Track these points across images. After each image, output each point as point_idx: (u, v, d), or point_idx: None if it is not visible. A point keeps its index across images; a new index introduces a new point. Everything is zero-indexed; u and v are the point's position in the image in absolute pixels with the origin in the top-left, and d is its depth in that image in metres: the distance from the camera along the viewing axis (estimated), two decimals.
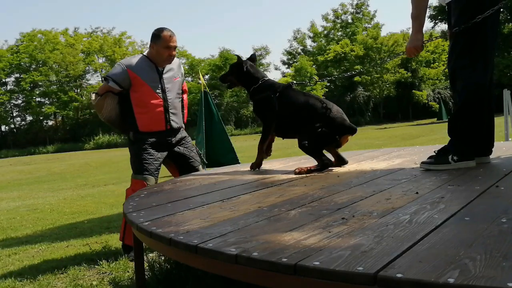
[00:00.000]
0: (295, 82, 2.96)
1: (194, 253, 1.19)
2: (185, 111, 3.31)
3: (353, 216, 1.36)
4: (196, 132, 9.08)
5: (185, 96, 3.32)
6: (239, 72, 2.85)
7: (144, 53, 3.04)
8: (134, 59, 2.99)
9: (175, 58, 3.10)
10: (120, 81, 2.91)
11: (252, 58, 2.99)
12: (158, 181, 3.00)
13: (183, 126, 3.19)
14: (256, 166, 2.92)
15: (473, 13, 2.10)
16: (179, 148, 3.12)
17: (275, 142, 3.03)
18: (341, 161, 2.74)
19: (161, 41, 2.92)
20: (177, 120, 3.09)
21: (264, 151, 2.89)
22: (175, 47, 2.99)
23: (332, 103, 2.74)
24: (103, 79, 2.92)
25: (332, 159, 2.78)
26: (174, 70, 3.11)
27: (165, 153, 3.06)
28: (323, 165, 2.62)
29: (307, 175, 2.47)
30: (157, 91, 2.98)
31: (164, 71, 3.03)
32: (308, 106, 2.67)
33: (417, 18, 2.29)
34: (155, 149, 3.01)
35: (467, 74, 2.17)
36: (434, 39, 2.99)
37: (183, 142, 3.16)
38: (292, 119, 2.71)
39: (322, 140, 2.65)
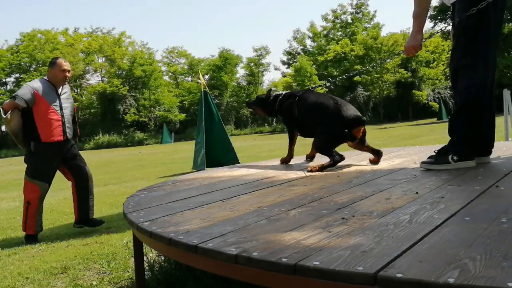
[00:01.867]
0: (313, 86, 3.28)
1: (194, 253, 1.19)
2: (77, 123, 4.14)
3: (353, 216, 1.36)
4: (196, 132, 9.08)
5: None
6: (264, 103, 3.29)
7: (45, 78, 3.79)
8: (38, 83, 3.71)
9: (66, 84, 3.92)
10: (27, 99, 3.58)
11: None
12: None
13: (77, 135, 4.06)
14: (284, 161, 3.20)
15: (476, 11, 2.10)
16: (69, 154, 3.87)
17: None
18: (376, 154, 2.82)
19: (57, 66, 3.74)
20: (71, 132, 3.86)
21: (293, 151, 3.17)
22: (68, 70, 3.82)
23: (341, 99, 2.87)
24: (11, 96, 3.71)
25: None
26: (68, 93, 3.91)
27: (60, 161, 3.80)
28: (334, 161, 2.70)
29: (306, 175, 2.48)
30: (56, 108, 3.72)
31: (61, 93, 3.80)
32: (319, 105, 2.84)
33: (419, 17, 2.30)
34: (53, 159, 3.74)
35: (469, 74, 2.17)
36: (433, 36, 3.03)
37: (74, 149, 3.94)
38: (309, 119, 2.91)
39: (332, 138, 2.76)
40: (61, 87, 3.82)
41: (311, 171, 2.63)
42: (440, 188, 1.71)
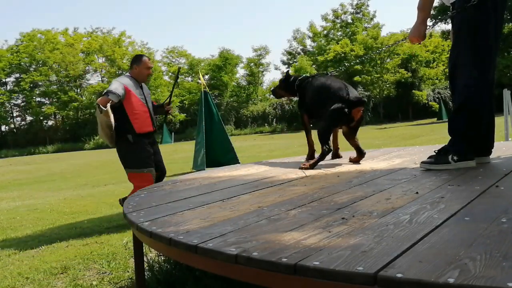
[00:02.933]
0: (332, 71, 3.38)
1: (194, 253, 1.19)
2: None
3: (353, 216, 1.36)
4: (196, 132, 9.08)
5: None
6: (286, 84, 3.36)
7: (127, 74, 3.96)
8: (125, 79, 3.87)
9: None
10: (120, 94, 3.70)
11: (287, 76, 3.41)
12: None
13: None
14: (308, 158, 3.14)
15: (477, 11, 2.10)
16: (154, 147, 3.98)
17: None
18: (360, 153, 2.89)
19: (143, 64, 3.92)
20: (156, 123, 4.04)
21: (312, 143, 3.19)
22: (151, 68, 4.05)
23: (342, 81, 2.96)
24: (104, 93, 3.79)
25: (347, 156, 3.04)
26: (146, 88, 4.06)
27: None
28: (323, 153, 2.80)
29: (307, 175, 2.48)
30: (143, 101, 3.88)
31: (142, 87, 3.96)
32: (323, 87, 2.94)
33: (423, 9, 2.31)
34: (149, 147, 3.86)
35: (468, 73, 2.17)
36: (433, 25, 3.05)
37: (156, 143, 4.08)
38: (316, 101, 3.00)
39: (332, 121, 2.84)
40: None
41: (303, 168, 2.74)
42: (440, 188, 1.71)
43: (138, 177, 3.76)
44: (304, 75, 3.41)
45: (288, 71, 3.53)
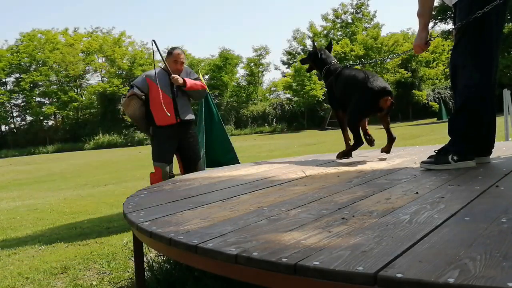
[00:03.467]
0: (351, 63, 3.38)
1: (194, 253, 1.19)
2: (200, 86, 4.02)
3: (353, 216, 1.36)
4: (196, 132, 9.08)
5: (198, 82, 4.03)
6: (315, 58, 3.35)
7: (162, 66, 3.96)
8: (152, 71, 3.88)
9: (185, 67, 3.99)
10: (140, 86, 3.79)
11: (329, 46, 3.43)
12: (172, 168, 3.93)
13: (193, 118, 4.02)
14: (342, 155, 3.16)
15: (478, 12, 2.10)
16: (185, 142, 3.95)
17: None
18: (390, 136, 3.02)
19: (172, 57, 3.87)
20: (185, 115, 3.89)
21: (348, 138, 3.20)
22: (182, 62, 3.91)
23: (372, 72, 2.96)
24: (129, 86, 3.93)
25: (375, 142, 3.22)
26: (188, 75, 3.96)
27: (176, 145, 3.90)
28: (356, 142, 2.91)
29: (306, 175, 2.48)
30: (167, 92, 3.80)
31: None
32: (350, 79, 2.97)
33: (422, 16, 2.31)
34: (169, 142, 3.86)
35: (469, 74, 2.17)
36: (436, 37, 3.09)
37: (190, 137, 3.99)
38: (344, 95, 3.03)
39: (360, 111, 2.90)
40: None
41: (338, 156, 2.89)
42: (440, 188, 1.71)
43: (154, 169, 3.88)
44: (332, 61, 3.27)
45: (314, 45, 3.45)
